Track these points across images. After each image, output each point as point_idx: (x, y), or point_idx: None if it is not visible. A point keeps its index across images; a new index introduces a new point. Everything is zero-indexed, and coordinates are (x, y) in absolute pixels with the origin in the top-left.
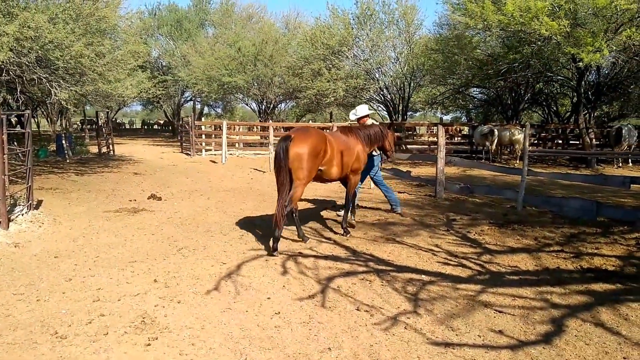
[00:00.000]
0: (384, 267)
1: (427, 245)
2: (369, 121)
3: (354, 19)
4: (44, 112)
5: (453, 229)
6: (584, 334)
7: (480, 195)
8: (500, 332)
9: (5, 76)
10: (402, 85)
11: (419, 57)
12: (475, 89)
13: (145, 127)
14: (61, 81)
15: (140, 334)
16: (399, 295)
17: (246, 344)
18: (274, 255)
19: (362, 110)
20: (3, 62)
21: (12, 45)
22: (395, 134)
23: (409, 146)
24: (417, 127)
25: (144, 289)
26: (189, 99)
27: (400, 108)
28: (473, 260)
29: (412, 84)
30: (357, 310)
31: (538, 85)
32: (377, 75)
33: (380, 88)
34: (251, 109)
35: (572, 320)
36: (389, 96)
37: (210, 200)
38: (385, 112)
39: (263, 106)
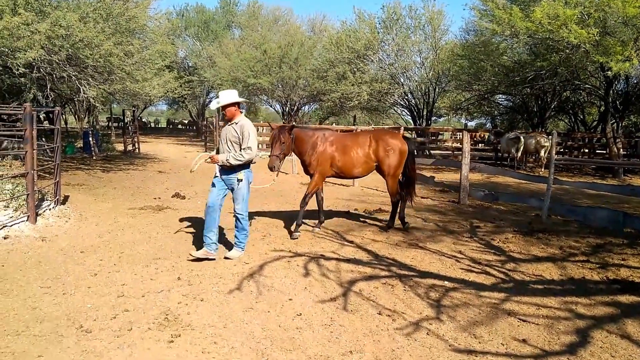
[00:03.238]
0: (406, 272)
1: (450, 251)
2: (242, 114)
3: (380, 23)
4: (72, 109)
5: (477, 236)
6: (609, 346)
7: (505, 202)
8: (524, 341)
9: (36, 73)
10: (426, 90)
11: (444, 63)
12: (500, 95)
13: (170, 126)
14: (90, 79)
15: (163, 330)
16: (422, 300)
17: (267, 344)
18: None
19: (227, 96)
20: (34, 59)
21: (43, 43)
22: (418, 138)
23: (432, 151)
24: (440, 133)
25: (168, 286)
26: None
27: (425, 113)
28: (497, 268)
29: (437, 89)
30: (379, 314)
31: (565, 94)
32: (401, 80)
33: (404, 92)
34: (275, 110)
35: (597, 331)
36: (413, 101)
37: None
38: (410, 117)
39: (287, 108)
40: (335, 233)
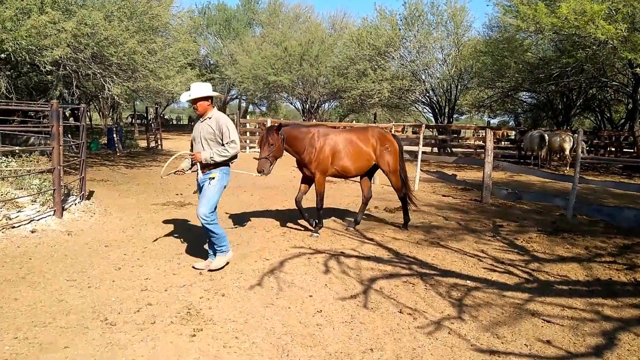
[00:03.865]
0: (427, 271)
1: (472, 250)
2: (214, 109)
3: (401, 20)
4: (96, 107)
5: (500, 235)
6: (637, 349)
7: (529, 201)
8: (548, 342)
9: (62, 71)
10: (448, 87)
11: (467, 59)
12: (524, 92)
13: (192, 123)
14: (114, 77)
15: (185, 324)
16: (443, 299)
17: (288, 340)
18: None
19: (199, 89)
20: (61, 57)
21: (69, 42)
22: (440, 136)
23: (454, 149)
24: (462, 130)
25: (190, 280)
26: (234, 97)
27: (446, 110)
28: (520, 268)
29: (459, 87)
30: (400, 312)
31: (591, 91)
32: (423, 77)
33: (426, 90)
34: (295, 107)
35: (624, 333)
36: (434, 98)
37: (253, 196)
38: (431, 114)
39: (307, 105)
40: (355, 231)
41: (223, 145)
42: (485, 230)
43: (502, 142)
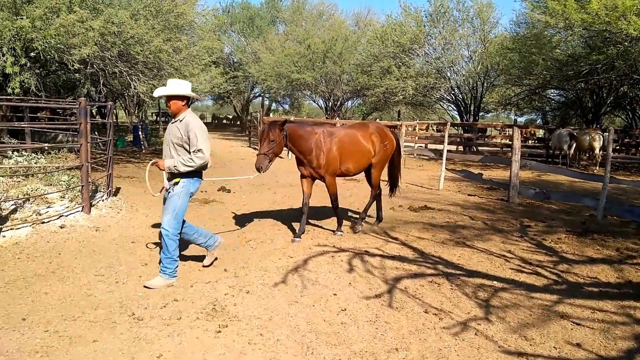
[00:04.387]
0: (453, 271)
1: (499, 250)
2: (188, 110)
3: (426, 17)
4: (122, 104)
5: (527, 236)
6: None
7: (557, 201)
8: (578, 345)
9: (89, 69)
10: (474, 85)
11: (493, 56)
12: (553, 90)
13: (215, 121)
14: (140, 75)
15: (211, 320)
16: (469, 300)
17: (312, 338)
18: None
19: (176, 86)
20: (88, 55)
21: (97, 40)
22: (466, 134)
23: (479, 148)
24: (488, 129)
25: (215, 277)
26: (257, 94)
27: (472, 108)
28: (549, 269)
29: (485, 84)
30: (425, 312)
31: (622, 88)
32: (448, 74)
33: (451, 87)
34: (318, 105)
35: None
36: (460, 96)
37: (276, 194)
38: (456, 112)
39: (330, 103)
40: (379, 229)
41: (192, 152)
42: (512, 231)
43: (530, 141)
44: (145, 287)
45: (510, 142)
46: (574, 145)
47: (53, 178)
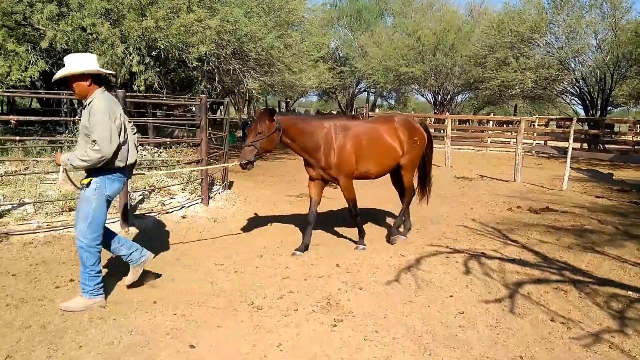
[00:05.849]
0: (581, 278)
1: (634, 258)
2: (97, 91)
3: (548, 3)
4: (232, 101)
5: None
6: None
7: None
8: None
9: (206, 67)
10: (602, 77)
11: (625, 45)
12: None
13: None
14: (252, 72)
15: (326, 314)
16: (601, 310)
17: (429, 339)
18: None
19: (75, 62)
20: (205, 53)
21: (213, 38)
22: (591, 131)
23: (606, 145)
24: (616, 125)
25: (327, 272)
26: (362, 89)
27: (599, 102)
28: None
29: (614, 75)
30: (552, 321)
31: None
32: (572, 65)
33: (575, 79)
34: (427, 100)
35: None
36: (585, 89)
37: (382, 191)
38: (580, 107)
39: (439, 97)
40: (496, 231)
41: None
42: None
43: None
44: (61, 309)
45: None
46: None
47: (174, 171)
